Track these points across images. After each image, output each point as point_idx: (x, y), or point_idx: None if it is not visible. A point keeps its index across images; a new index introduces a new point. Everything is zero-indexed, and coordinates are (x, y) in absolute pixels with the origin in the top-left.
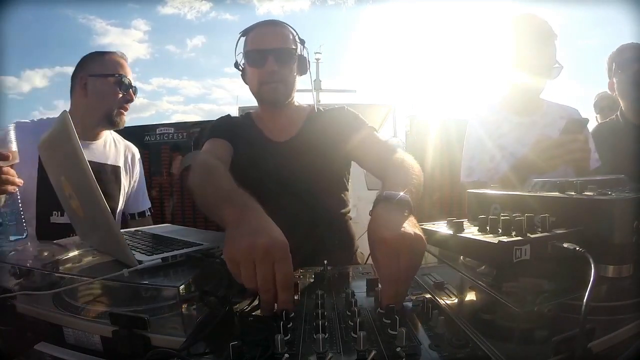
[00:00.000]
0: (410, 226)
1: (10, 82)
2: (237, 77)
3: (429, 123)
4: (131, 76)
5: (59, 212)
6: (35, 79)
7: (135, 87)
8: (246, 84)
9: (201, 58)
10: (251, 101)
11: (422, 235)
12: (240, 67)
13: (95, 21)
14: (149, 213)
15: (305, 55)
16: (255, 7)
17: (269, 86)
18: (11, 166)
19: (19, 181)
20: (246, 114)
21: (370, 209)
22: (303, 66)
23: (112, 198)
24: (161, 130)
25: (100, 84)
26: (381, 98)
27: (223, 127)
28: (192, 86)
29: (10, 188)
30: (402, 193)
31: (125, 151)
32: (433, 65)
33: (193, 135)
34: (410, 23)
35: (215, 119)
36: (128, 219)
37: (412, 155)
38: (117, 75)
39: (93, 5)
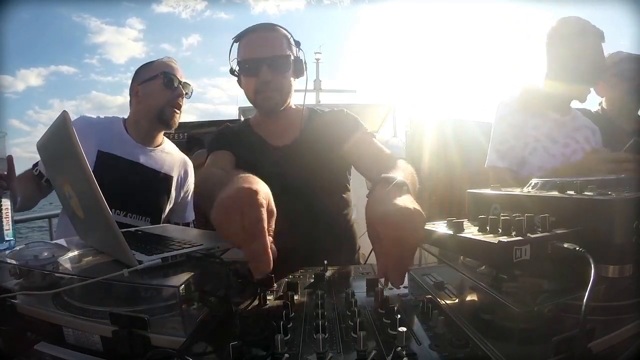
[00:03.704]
0: (409, 202)
1: (6, 81)
2: (233, 77)
3: (429, 123)
4: (181, 74)
5: (118, 211)
6: (30, 77)
7: (186, 83)
8: (242, 89)
9: (197, 57)
10: None
11: (421, 210)
12: (235, 74)
13: (89, 20)
14: (192, 225)
15: (302, 57)
16: (250, 6)
17: (263, 95)
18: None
19: None
20: (245, 120)
21: None
22: (299, 69)
23: (158, 206)
24: None
25: (149, 86)
26: (381, 98)
27: (223, 139)
28: None
29: None
30: (399, 177)
31: (180, 164)
32: (433, 65)
33: (194, 135)
34: (409, 22)
35: (210, 119)
36: None
37: (412, 155)
38: (161, 73)
39: (87, 4)
